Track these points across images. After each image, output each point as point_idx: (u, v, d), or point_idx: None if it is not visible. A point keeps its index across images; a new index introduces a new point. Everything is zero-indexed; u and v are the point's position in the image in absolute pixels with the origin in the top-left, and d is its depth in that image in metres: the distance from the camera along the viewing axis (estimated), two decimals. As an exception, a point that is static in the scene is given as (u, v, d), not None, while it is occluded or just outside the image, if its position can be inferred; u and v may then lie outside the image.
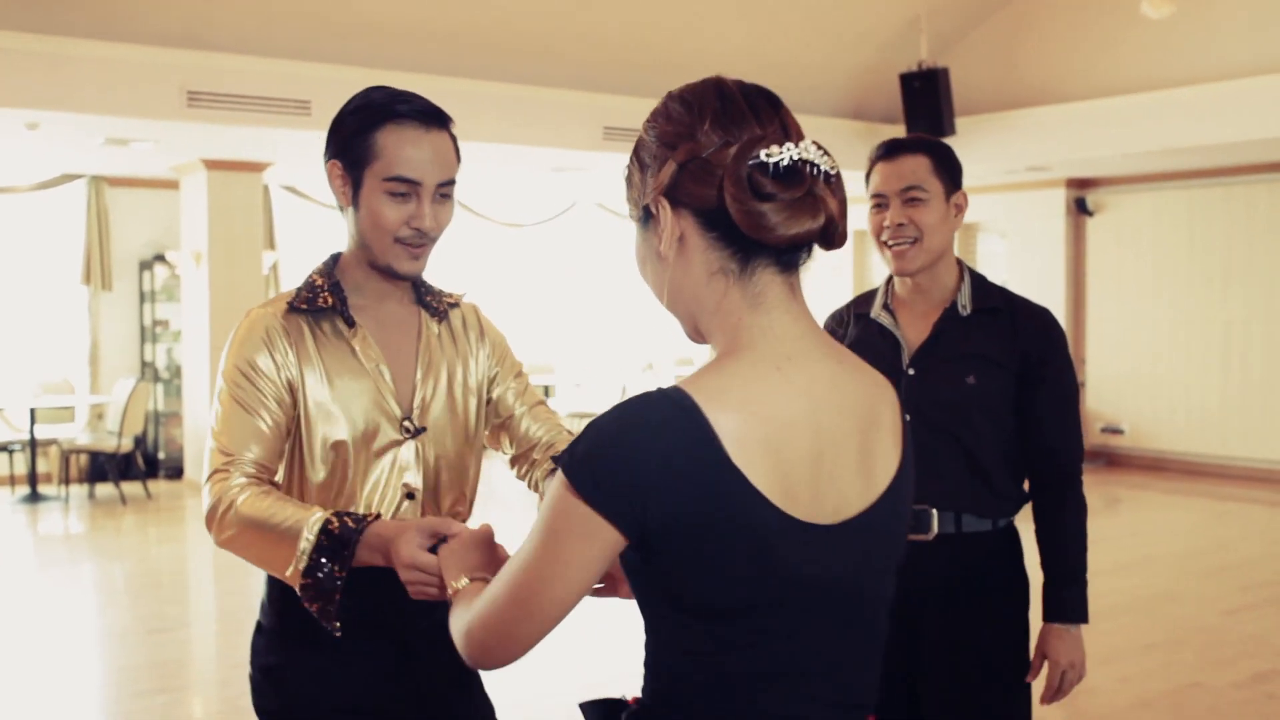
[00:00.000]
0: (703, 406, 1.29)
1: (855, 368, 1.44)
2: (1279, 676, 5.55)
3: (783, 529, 1.31)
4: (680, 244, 1.40)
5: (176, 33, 8.60)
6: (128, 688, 5.53)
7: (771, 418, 1.32)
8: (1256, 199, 11.42)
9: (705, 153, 1.36)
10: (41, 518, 9.95)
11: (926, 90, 10.84)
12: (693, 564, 1.30)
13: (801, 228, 1.33)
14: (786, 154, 1.34)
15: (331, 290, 2.17)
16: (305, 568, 1.89)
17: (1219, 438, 11.71)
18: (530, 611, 1.36)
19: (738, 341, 1.37)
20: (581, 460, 1.30)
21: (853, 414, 1.39)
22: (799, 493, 1.32)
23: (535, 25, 9.79)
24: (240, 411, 2.08)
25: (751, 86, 1.43)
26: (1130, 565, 7.94)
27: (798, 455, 1.33)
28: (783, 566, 1.31)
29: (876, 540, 1.41)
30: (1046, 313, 2.79)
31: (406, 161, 2.08)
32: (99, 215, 11.65)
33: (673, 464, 1.27)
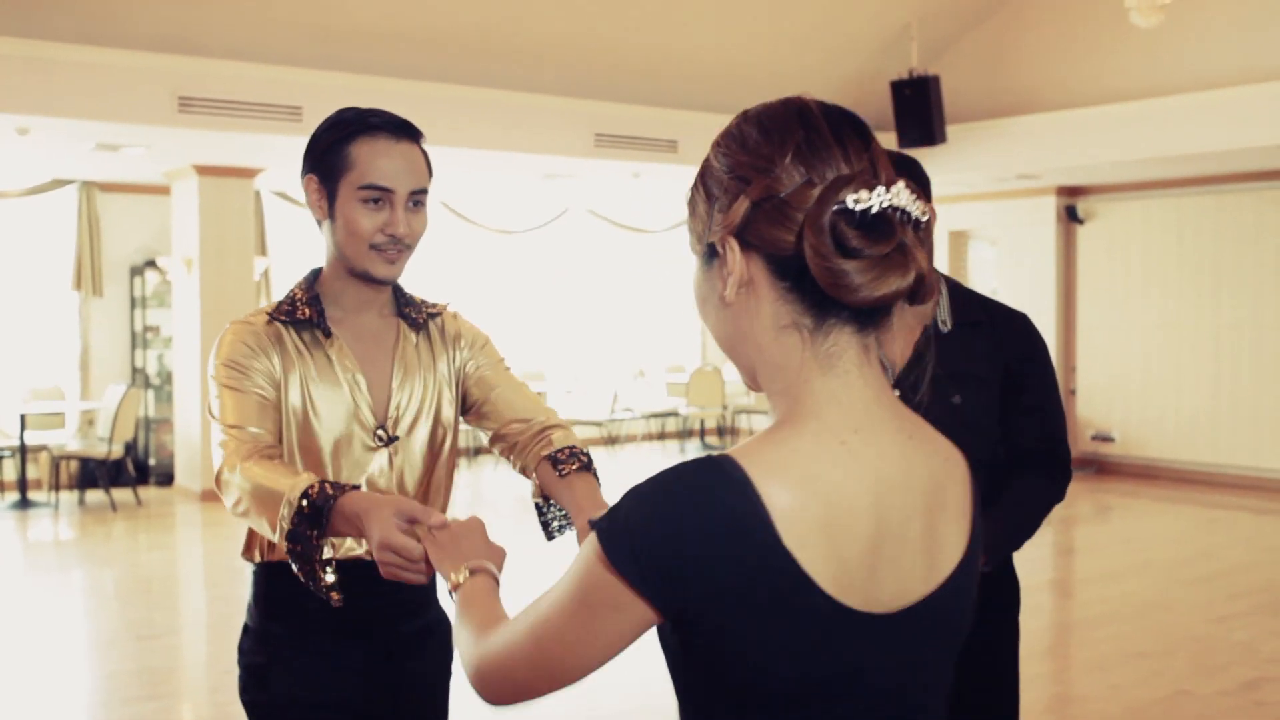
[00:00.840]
0: (755, 481, 1.17)
1: (926, 440, 1.31)
2: (1268, 684, 5.56)
3: (834, 617, 1.19)
4: (747, 289, 1.25)
5: (168, 38, 8.59)
6: (117, 694, 5.52)
7: (831, 497, 1.19)
8: (1245, 207, 11.46)
9: (784, 192, 1.21)
10: (31, 524, 9.92)
11: (917, 98, 10.86)
12: (734, 647, 1.19)
13: (889, 288, 1.19)
14: (877, 200, 1.19)
15: (310, 303, 2.25)
16: (289, 532, 1.91)
17: (1209, 446, 11.73)
18: (550, 672, 1.28)
19: (801, 408, 1.23)
20: (619, 531, 1.18)
21: (920, 493, 1.27)
22: (855, 579, 1.20)
23: (526, 32, 9.80)
24: (237, 394, 2.15)
25: (838, 112, 1.28)
26: (1120, 573, 7.95)
27: (857, 538, 1.20)
28: (833, 657, 1.21)
29: (937, 629, 1.29)
30: (1025, 318, 2.78)
31: (379, 170, 2.16)
32: (90, 221, 11.63)
33: (718, 541, 1.15)
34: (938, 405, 2.65)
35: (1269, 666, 5.81)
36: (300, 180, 2.26)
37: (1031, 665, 5.51)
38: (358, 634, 2.26)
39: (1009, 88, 11.45)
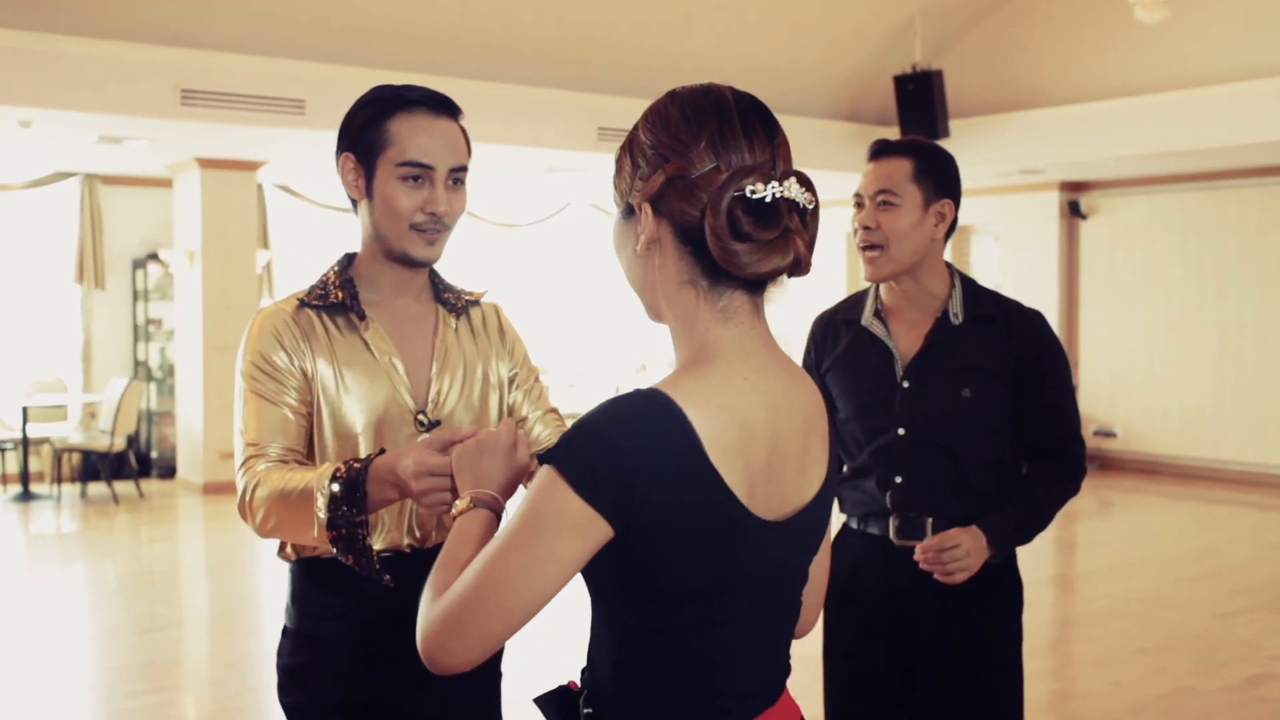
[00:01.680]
0: (684, 409, 1.37)
1: (801, 378, 1.54)
2: (1271, 680, 5.55)
3: (746, 523, 1.42)
4: (656, 246, 1.47)
5: (171, 31, 8.58)
6: (120, 687, 5.52)
7: (741, 422, 1.42)
8: (1249, 203, 11.44)
9: (694, 174, 1.42)
10: (34, 517, 9.92)
11: (920, 92, 10.85)
12: (666, 552, 1.38)
13: (770, 266, 1.41)
14: (770, 192, 1.40)
15: (343, 286, 2.19)
16: (328, 520, 1.88)
17: (1212, 441, 11.72)
18: (500, 607, 1.37)
19: (707, 350, 1.45)
20: (576, 456, 1.35)
21: (799, 420, 1.51)
22: (757, 491, 1.43)
23: (530, 25, 9.79)
24: (262, 403, 2.11)
25: (752, 105, 1.48)
26: (1122, 569, 7.95)
27: (759, 457, 1.43)
28: (743, 557, 1.43)
29: (809, 533, 1.54)
30: (1038, 315, 2.77)
31: (419, 146, 2.12)
32: (92, 213, 11.62)
33: (657, 458, 1.35)
34: (947, 397, 2.67)
35: (1271, 663, 5.81)
36: (336, 160, 2.20)
37: (1033, 661, 5.51)
38: (401, 631, 2.10)
39: (1012, 83, 11.43)
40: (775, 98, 11.60)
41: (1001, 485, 2.72)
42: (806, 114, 11.78)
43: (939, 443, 2.68)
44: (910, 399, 2.70)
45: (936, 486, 2.68)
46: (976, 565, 2.56)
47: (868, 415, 2.75)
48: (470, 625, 1.38)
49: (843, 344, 2.82)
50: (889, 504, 2.71)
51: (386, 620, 2.15)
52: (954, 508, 2.68)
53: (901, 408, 2.70)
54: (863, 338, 2.78)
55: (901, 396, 2.71)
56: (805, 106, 11.77)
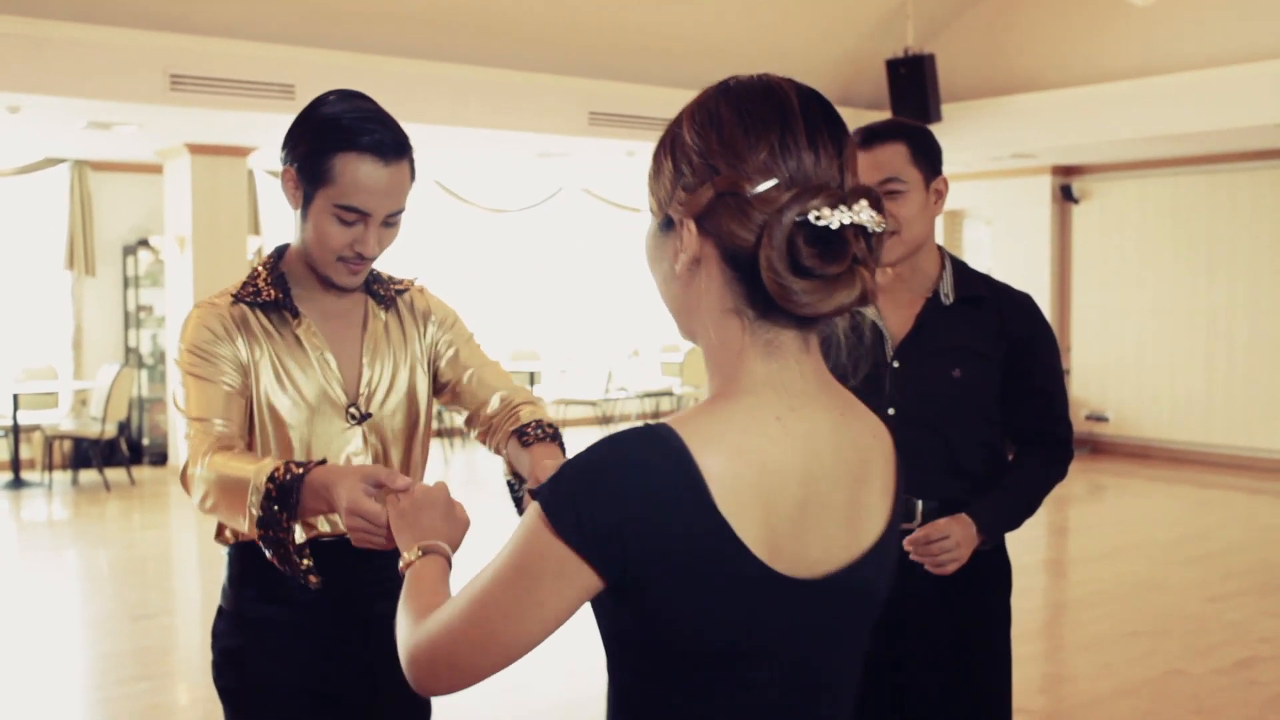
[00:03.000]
0: (692, 449, 1.21)
1: (856, 417, 1.37)
2: (1261, 663, 5.57)
3: (763, 581, 1.24)
4: (697, 266, 1.29)
5: (160, 15, 8.55)
6: (111, 674, 5.52)
7: (763, 467, 1.24)
8: (1241, 187, 11.45)
9: (749, 191, 1.23)
10: (25, 504, 9.91)
11: (912, 77, 10.83)
12: (671, 609, 1.23)
13: (833, 305, 1.23)
14: (837, 218, 1.21)
15: (275, 283, 2.21)
16: (259, 518, 1.89)
17: (1203, 425, 11.75)
18: (489, 649, 1.27)
19: (739, 385, 1.28)
20: (563, 497, 1.21)
21: (847, 464, 1.32)
22: (783, 544, 1.25)
23: (520, 10, 9.75)
24: (202, 383, 2.13)
25: (820, 108, 1.29)
26: (1113, 553, 7.97)
27: (785, 506, 1.26)
28: (764, 618, 1.26)
29: (855, 598, 1.34)
30: (1028, 298, 2.78)
31: (359, 193, 2.10)
32: (82, 200, 11.59)
33: (657, 505, 1.19)
34: (937, 378, 2.67)
35: (1261, 646, 5.82)
36: (280, 162, 2.19)
37: (1024, 645, 5.52)
38: (337, 614, 2.23)
39: (1005, 67, 11.42)
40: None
41: (991, 467, 2.72)
42: (798, 98, 11.74)
43: (929, 423, 2.68)
44: (901, 379, 2.70)
45: (927, 467, 2.68)
46: (967, 554, 2.56)
47: (858, 396, 2.74)
48: (459, 658, 1.29)
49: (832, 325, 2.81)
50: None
51: (323, 603, 2.20)
52: (945, 489, 2.68)
53: (892, 388, 2.70)
54: (852, 318, 2.78)
55: (892, 377, 2.71)
56: (797, 91, 11.73)
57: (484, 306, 13.37)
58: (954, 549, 2.54)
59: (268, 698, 2.22)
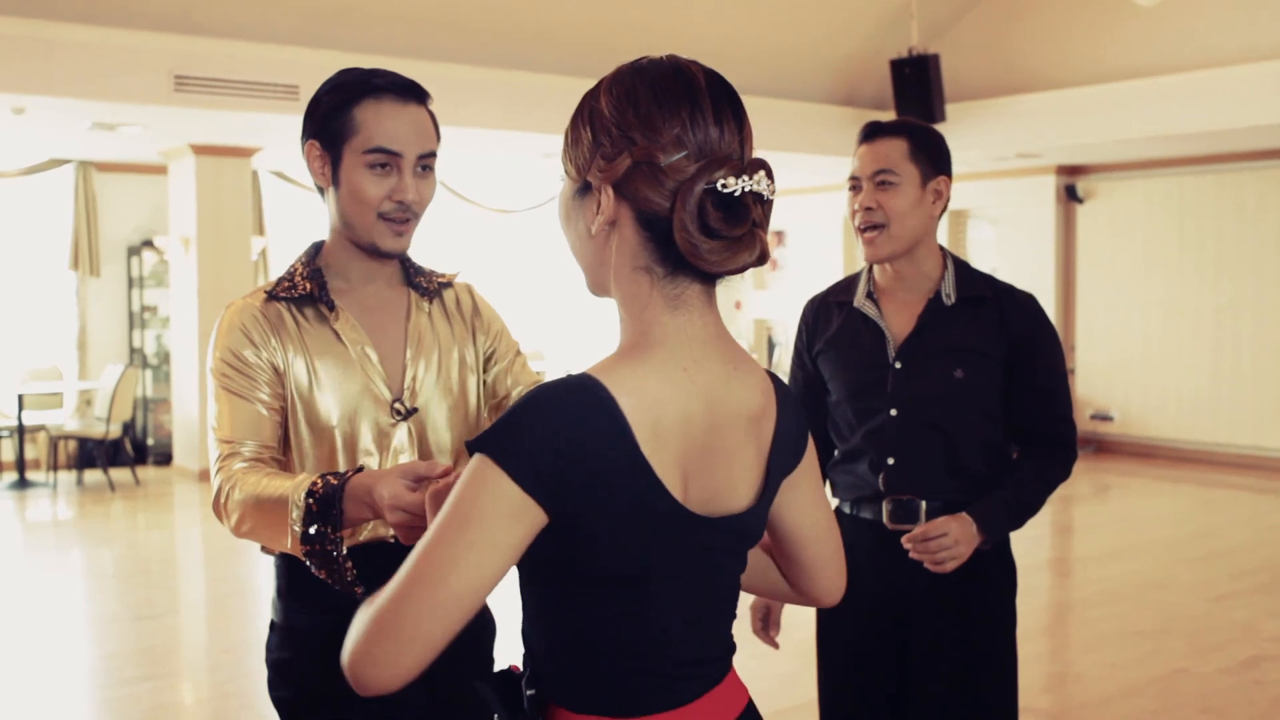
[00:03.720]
0: (615, 395, 1.34)
1: (749, 373, 1.49)
2: (1267, 663, 5.56)
3: (676, 516, 1.39)
4: (612, 227, 1.42)
5: (164, 17, 8.55)
6: (116, 674, 5.52)
7: (676, 414, 1.39)
8: (1246, 186, 11.43)
9: (663, 161, 1.37)
10: (30, 504, 9.92)
11: (917, 76, 10.82)
12: (596, 539, 1.36)
13: (738, 263, 1.37)
14: (740, 186, 1.36)
15: (311, 277, 2.15)
16: (302, 535, 1.85)
17: (1208, 425, 11.73)
18: (432, 603, 1.28)
19: (650, 337, 1.41)
20: (506, 438, 1.32)
21: (744, 418, 1.46)
22: (691, 485, 1.41)
23: (525, 10, 9.76)
24: (234, 400, 2.07)
25: (723, 88, 1.42)
26: (1119, 552, 7.96)
27: (694, 451, 1.41)
28: (674, 547, 1.41)
29: (747, 532, 1.50)
30: (1031, 298, 2.77)
31: (385, 133, 2.07)
32: (87, 200, 11.60)
33: (587, 444, 1.32)
34: (940, 378, 2.67)
35: (1268, 645, 5.81)
36: (300, 147, 2.16)
37: (1029, 644, 5.51)
38: None
39: (1009, 66, 11.41)
40: (771, 81, 11.63)
41: (994, 468, 2.72)
42: (802, 98, 11.75)
43: (932, 423, 2.67)
44: (903, 379, 2.70)
45: (929, 468, 2.67)
46: (967, 553, 2.56)
47: (860, 396, 2.75)
48: (399, 628, 1.29)
49: (835, 326, 2.81)
50: (881, 486, 2.70)
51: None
52: (947, 489, 2.67)
53: (894, 388, 2.70)
54: (855, 319, 2.78)
55: (894, 377, 2.70)
56: (801, 91, 11.74)
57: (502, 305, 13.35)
58: (953, 546, 2.53)
59: (321, 711, 2.15)
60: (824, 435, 2.87)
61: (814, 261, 14.85)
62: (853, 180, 2.73)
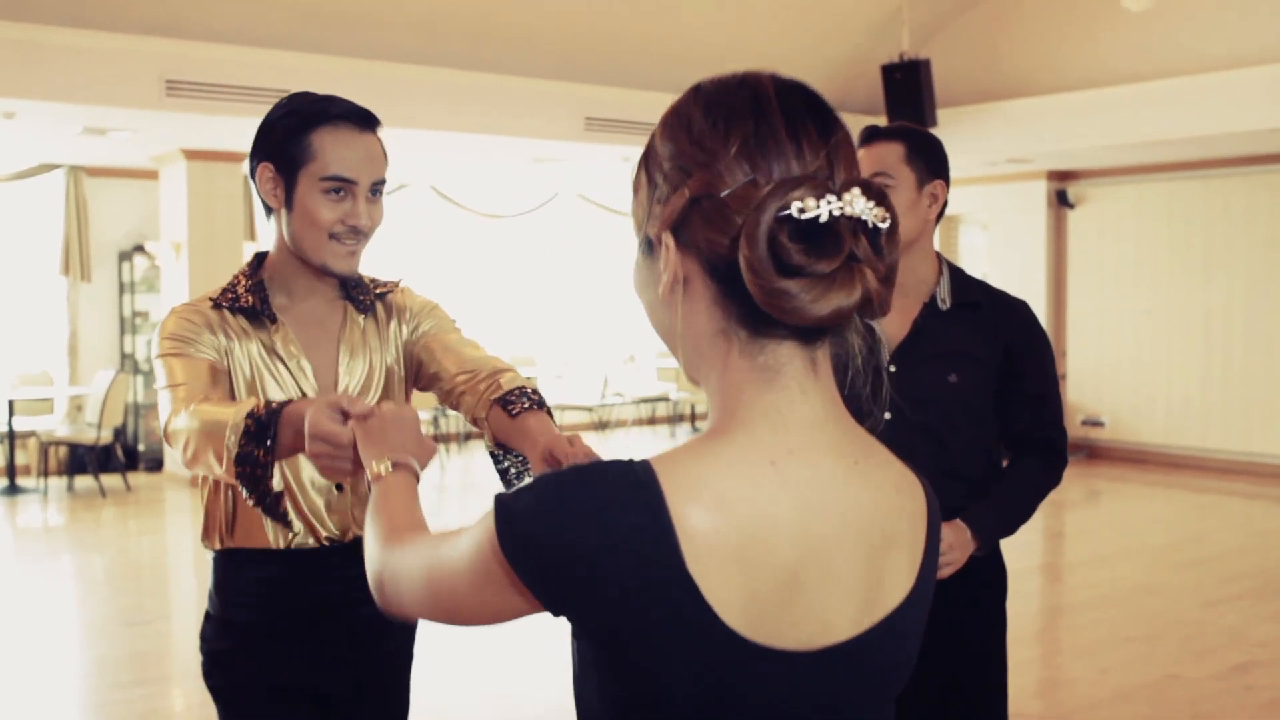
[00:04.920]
0: (668, 496, 1.07)
1: (875, 468, 1.19)
2: (1258, 668, 5.57)
3: (737, 651, 1.09)
4: (684, 287, 1.15)
5: (155, 21, 8.54)
6: (106, 679, 5.50)
7: (750, 522, 1.09)
8: (1236, 191, 11.46)
9: (724, 191, 1.10)
10: (20, 510, 9.89)
11: (908, 81, 10.83)
12: (632, 660, 1.10)
13: (829, 307, 1.07)
14: (825, 208, 1.07)
15: (253, 290, 2.22)
16: (236, 456, 1.87)
17: (1199, 430, 11.75)
18: (445, 615, 1.24)
19: (733, 419, 1.13)
20: (517, 520, 1.10)
21: (859, 525, 1.16)
22: (766, 612, 1.10)
23: (516, 15, 9.76)
24: (184, 359, 2.12)
25: (800, 98, 1.16)
26: (1110, 557, 7.97)
27: (774, 569, 1.10)
28: (736, 689, 1.10)
29: (869, 671, 1.18)
30: (1024, 305, 2.79)
31: (342, 161, 2.13)
32: (78, 205, 11.58)
33: (615, 556, 1.06)
34: (934, 383, 2.67)
35: (1258, 651, 5.82)
36: (250, 166, 2.20)
37: (1020, 649, 5.52)
38: (318, 619, 2.27)
39: (1000, 71, 11.43)
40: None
41: (987, 472, 2.73)
42: (794, 104, 11.75)
43: (925, 427, 2.68)
44: (897, 383, 2.70)
45: (923, 472, 2.67)
46: (962, 559, 2.57)
47: (854, 400, 2.75)
48: (413, 607, 1.28)
49: None
50: (876, 491, 2.70)
51: (300, 609, 2.25)
52: (941, 493, 2.65)
53: (888, 392, 2.70)
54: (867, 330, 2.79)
55: (889, 381, 2.71)
56: (793, 96, 11.74)
57: (479, 312, 13.37)
58: (948, 553, 2.54)
59: (254, 699, 2.27)
60: None
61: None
62: None
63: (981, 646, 2.73)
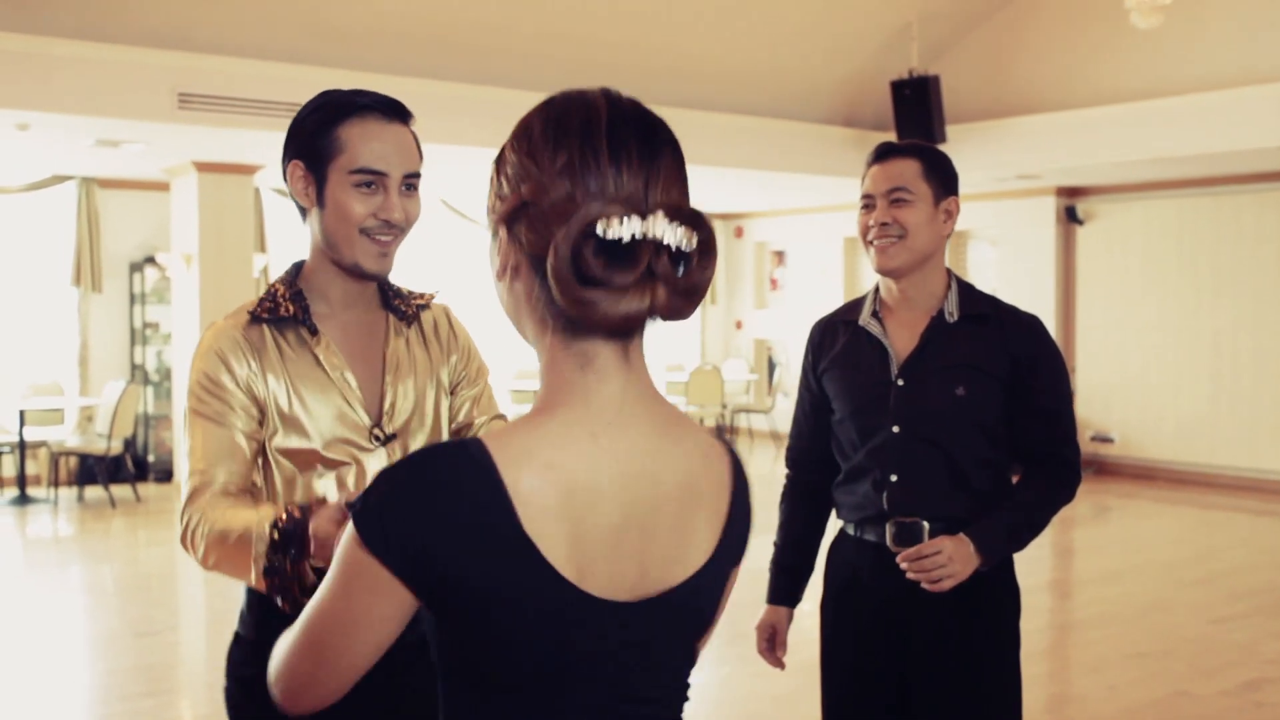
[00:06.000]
0: (500, 465, 1.19)
1: (683, 437, 1.32)
2: (1268, 685, 5.56)
3: (573, 602, 1.22)
4: (515, 274, 1.29)
5: (168, 34, 8.59)
6: (115, 691, 5.51)
7: (576, 485, 1.22)
8: (1245, 209, 11.46)
9: (545, 203, 1.23)
10: (30, 520, 9.91)
11: (917, 98, 10.86)
12: (486, 630, 1.22)
13: (620, 313, 1.20)
14: (628, 230, 1.18)
15: (293, 299, 2.16)
16: (265, 569, 1.86)
17: (1208, 447, 11.73)
18: (328, 663, 1.27)
19: (556, 397, 1.26)
20: (372, 511, 1.20)
21: (671, 487, 1.29)
22: (596, 566, 1.23)
23: (524, 29, 9.79)
24: (208, 426, 2.07)
25: (633, 119, 1.30)
26: (1119, 574, 7.95)
27: (598, 526, 1.23)
28: (579, 639, 1.24)
29: (677, 621, 1.32)
30: (1035, 320, 2.79)
31: (371, 153, 2.08)
32: (89, 217, 11.62)
33: (460, 521, 1.18)
34: (941, 395, 2.68)
35: (1268, 668, 5.81)
36: (282, 167, 2.16)
37: (1029, 666, 5.49)
38: None
39: (1009, 88, 11.44)
40: (771, 102, 11.66)
41: (996, 486, 2.73)
42: (803, 119, 11.78)
43: (933, 440, 2.69)
44: (905, 396, 2.71)
45: (932, 485, 2.68)
46: (964, 572, 2.56)
47: (863, 414, 2.76)
48: (306, 678, 1.30)
49: (840, 345, 2.84)
50: (885, 505, 2.71)
51: None
52: (948, 506, 2.68)
53: (896, 405, 2.71)
54: (860, 337, 2.80)
55: (896, 394, 2.72)
56: (801, 111, 11.78)
57: (488, 324, 13.37)
58: (948, 564, 2.54)
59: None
60: (828, 455, 2.88)
61: (814, 281, 14.88)
62: (865, 199, 2.75)
63: (995, 665, 2.72)
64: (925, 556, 2.55)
